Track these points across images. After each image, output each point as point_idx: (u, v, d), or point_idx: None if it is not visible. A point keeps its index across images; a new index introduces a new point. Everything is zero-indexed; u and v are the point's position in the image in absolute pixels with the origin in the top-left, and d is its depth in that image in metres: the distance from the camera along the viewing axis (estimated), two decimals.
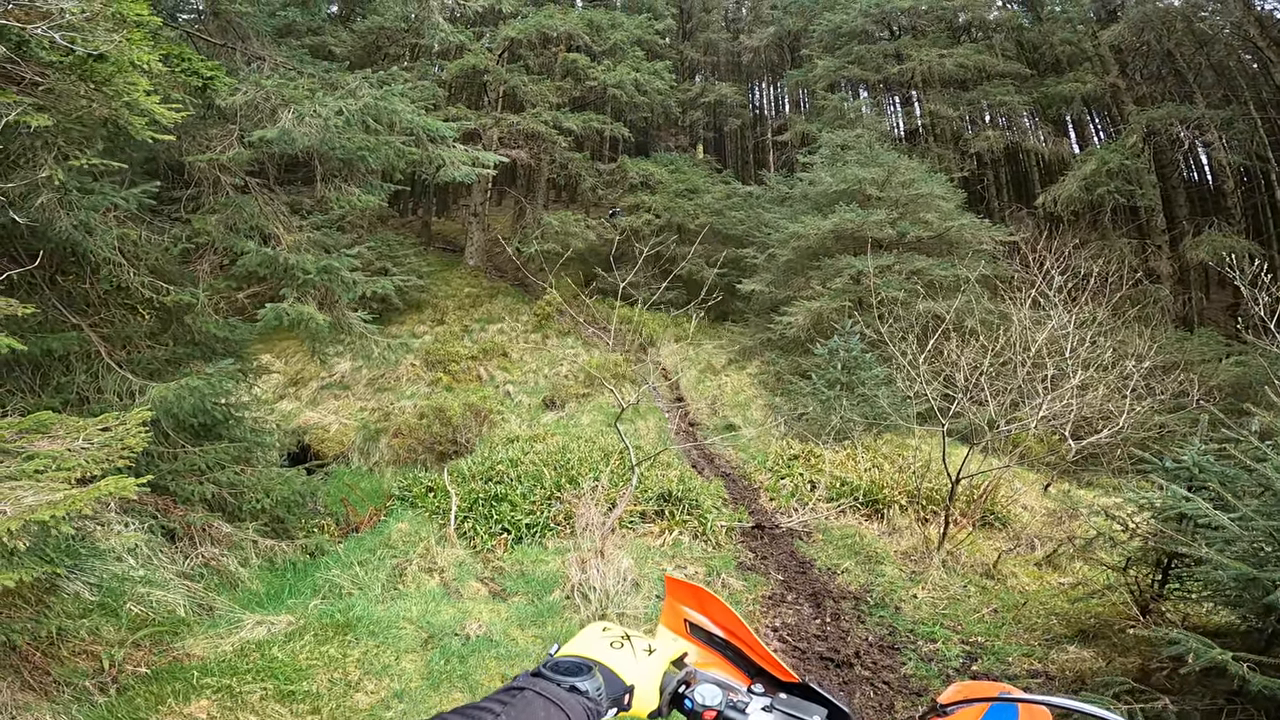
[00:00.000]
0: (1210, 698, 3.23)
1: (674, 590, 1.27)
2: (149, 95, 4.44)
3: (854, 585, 6.27)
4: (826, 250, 14.20)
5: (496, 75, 18.38)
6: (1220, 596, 3.87)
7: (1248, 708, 3.05)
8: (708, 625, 1.19)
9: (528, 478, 7.76)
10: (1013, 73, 21.46)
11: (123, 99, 4.41)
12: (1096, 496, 7.86)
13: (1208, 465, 4.71)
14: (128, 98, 4.40)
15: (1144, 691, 3.30)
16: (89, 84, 4.37)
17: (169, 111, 4.54)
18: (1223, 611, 4.22)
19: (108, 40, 4.15)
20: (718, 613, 1.21)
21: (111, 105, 4.46)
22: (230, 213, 7.14)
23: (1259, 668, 2.89)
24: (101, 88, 4.38)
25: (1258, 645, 3.27)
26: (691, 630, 1.19)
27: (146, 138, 4.54)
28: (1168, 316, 16.42)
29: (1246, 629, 3.67)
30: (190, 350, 6.68)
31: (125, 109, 4.48)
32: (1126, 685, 3.32)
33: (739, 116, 29.01)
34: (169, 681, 3.56)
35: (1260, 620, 3.35)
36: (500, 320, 16.92)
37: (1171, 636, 3.12)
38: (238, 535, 6.00)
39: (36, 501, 3.21)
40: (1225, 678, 3.06)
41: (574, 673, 0.89)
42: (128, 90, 4.38)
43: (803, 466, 9.19)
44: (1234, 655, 2.92)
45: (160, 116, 4.52)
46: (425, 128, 8.26)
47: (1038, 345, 7.22)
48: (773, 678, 1.07)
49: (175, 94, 5.69)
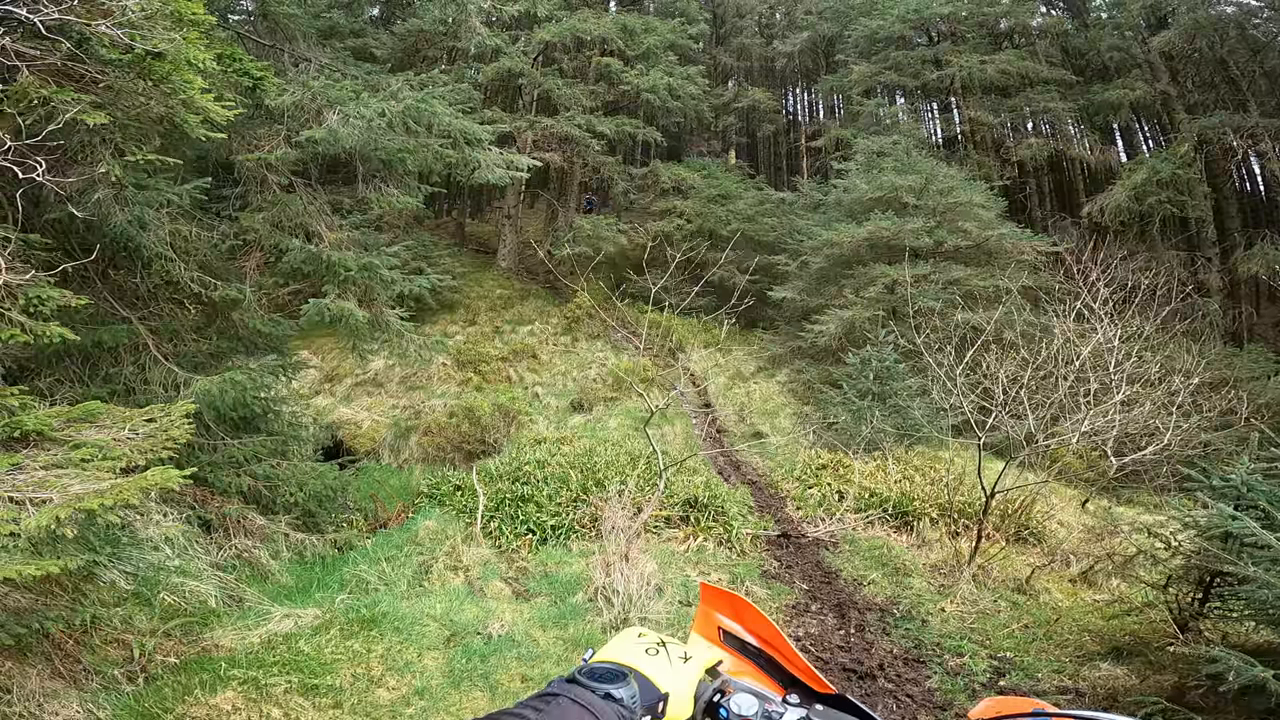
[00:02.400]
0: (1246, 716, 3.20)
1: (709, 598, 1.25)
2: (204, 94, 4.58)
3: (880, 597, 6.17)
4: (860, 258, 14.00)
5: (531, 78, 18.55)
6: (1263, 615, 3.82)
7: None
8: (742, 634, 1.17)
9: (554, 479, 7.79)
10: (1057, 79, 20.90)
11: (179, 97, 4.55)
12: (1138, 514, 7.63)
13: (1256, 484, 4.56)
14: (184, 95, 4.54)
15: (1176, 711, 3.21)
16: (146, 81, 4.51)
17: (222, 109, 4.68)
18: (1264, 630, 4.12)
19: (166, 38, 4.29)
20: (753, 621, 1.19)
21: (168, 103, 4.60)
22: (276, 211, 7.32)
23: None
24: (159, 85, 4.51)
25: None
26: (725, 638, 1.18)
27: (200, 135, 4.68)
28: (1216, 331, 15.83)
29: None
30: (234, 345, 6.86)
31: (181, 106, 4.62)
32: (1160, 705, 3.23)
33: (772, 122, 28.80)
34: (196, 672, 3.64)
35: None
36: (531, 322, 17.06)
37: (1212, 654, 3.10)
38: (271, 528, 6.14)
39: (84, 490, 3.31)
40: (1263, 696, 3.04)
41: (609, 679, 0.88)
42: (184, 88, 4.51)
43: (831, 476, 9.08)
44: (1275, 674, 2.89)
45: (215, 115, 4.66)
46: (462, 130, 8.39)
47: (1081, 358, 7.02)
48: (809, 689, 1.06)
49: (227, 94, 5.84)
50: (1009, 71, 20.76)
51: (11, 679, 3.27)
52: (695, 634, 1.22)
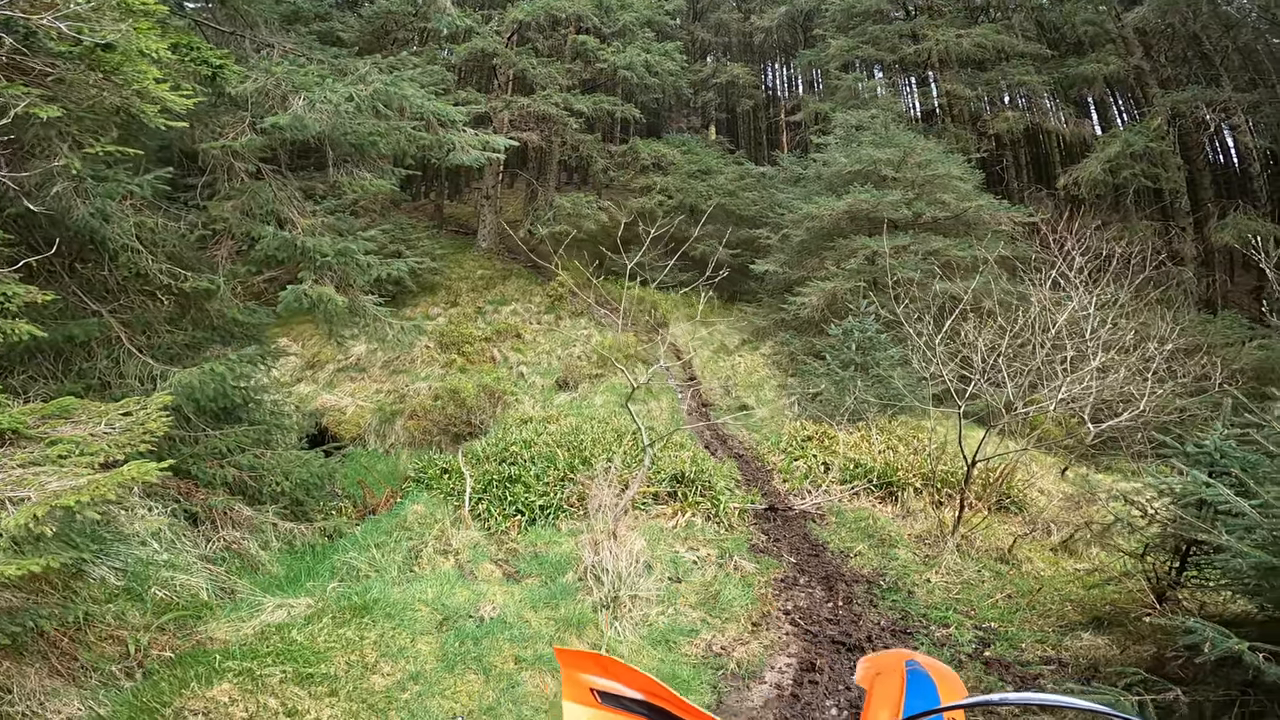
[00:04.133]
0: (1224, 689, 3.18)
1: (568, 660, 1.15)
2: (159, 83, 4.49)
3: (867, 569, 6.28)
4: (841, 231, 14.05)
5: (505, 58, 18.25)
6: (1239, 585, 3.82)
7: (1261, 699, 3.00)
8: (620, 689, 1.10)
9: (541, 459, 7.79)
10: (1033, 53, 20.97)
11: (133, 87, 4.47)
12: (1115, 481, 7.79)
13: (1230, 450, 4.63)
14: (138, 86, 4.46)
15: (1156, 682, 3.25)
16: (98, 73, 4.42)
17: (180, 99, 4.59)
18: (1240, 600, 4.16)
19: (114, 30, 4.18)
20: (625, 675, 1.10)
21: (122, 94, 4.52)
22: (245, 199, 7.19)
23: (1275, 658, 2.84)
24: (111, 77, 4.44)
25: (1275, 635, 3.19)
26: (603, 699, 1.11)
27: (159, 125, 4.59)
28: (1191, 299, 16.13)
29: (1265, 618, 3.62)
30: (210, 335, 6.76)
31: (136, 97, 4.53)
32: (1139, 675, 3.27)
33: (751, 97, 28.62)
34: (192, 665, 3.64)
35: (1278, 610, 3.30)
36: (513, 302, 16.96)
37: (1187, 625, 3.07)
38: (258, 518, 6.10)
39: (61, 487, 3.26)
40: (1240, 668, 3.02)
41: None
42: (137, 79, 4.43)
43: (816, 448, 9.17)
44: (1250, 645, 2.87)
45: (172, 104, 4.57)
46: (435, 112, 8.25)
47: (1057, 326, 7.12)
48: None
49: (185, 83, 5.71)
50: (985, 45, 20.76)
51: (11, 678, 3.25)
52: (568, 703, 1.13)
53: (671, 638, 4.94)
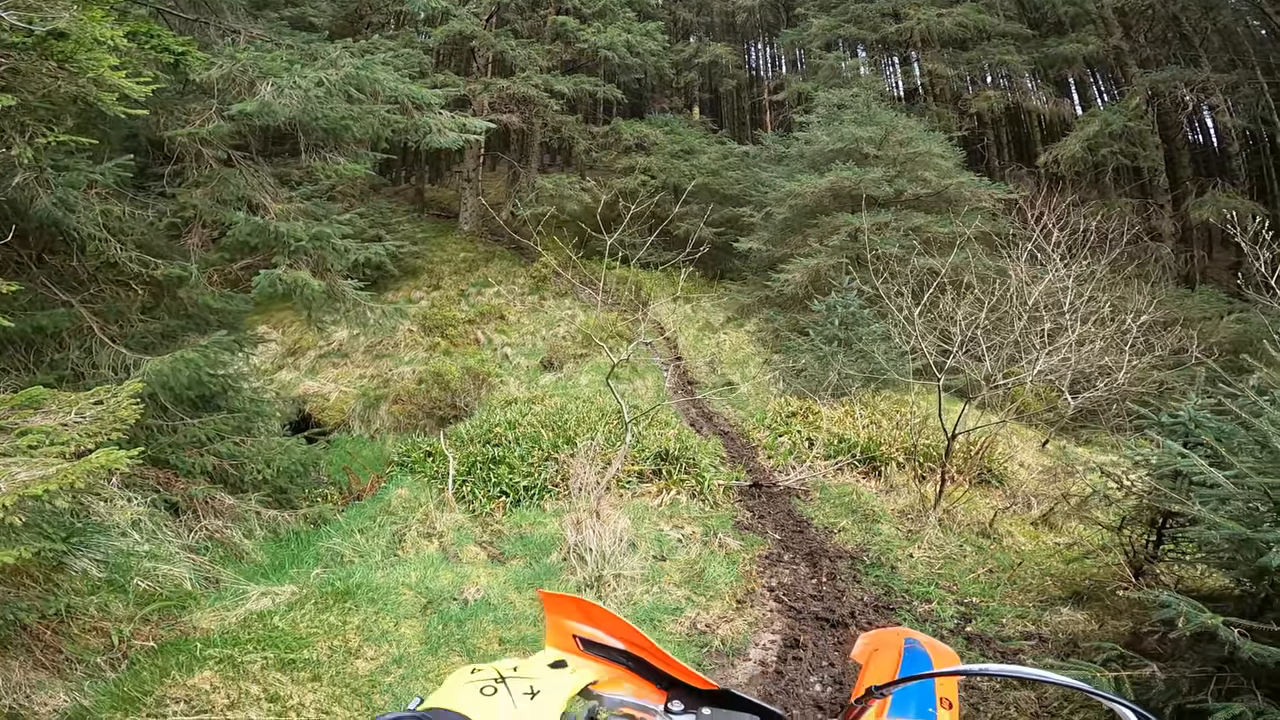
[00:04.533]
0: (1200, 665, 3.15)
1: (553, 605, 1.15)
2: (116, 71, 4.40)
3: (850, 544, 6.33)
4: (823, 208, 14.10)
5: (484, 40, 17.98)
6: (1214, 558, 3.77)
7: (1236, 675, 2.97)
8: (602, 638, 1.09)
9: (526, 440, 7.76)
10: (1014, 33, 21.02)
11: (88, 75, 4.37)
12: (1093, 453, 7.90)
13: (1204, 420, 4.66)
14: (94, 74, 4.38)
15: (1133, 657, 3.24)
16: (52, 62, 4.33)
17: (138, 86, 4.51)
18: (1216, 574, 4.15)
19: (67, 19, 4.10)
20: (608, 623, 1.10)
21: (78, 82, 4.43)
22: (215, 185, 7.09)
23: (1250, 634, 2.79)
24: (65, 65, 4.36)
25: (1250, 610, 3.18)
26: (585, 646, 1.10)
27: (118, 113, 4.52)
28: (1169, 274, 16.34)
29: (1240, 593, 3.59)
30: (184, 323, 6.67)
31: (93, 85, 4.46)
32: (1116, 651, 3.25)
33: (734, 77, 28.41)
34: (174, 654, 3.61)
35: (1254, 584, 3.26)
36: (496, 284, 16.86)
37: (1162, 599, 3.03)
38: (241, 507, 6.05)
39: (30, 477, 3.21)
40: (1215, 644, 2.96)
41: None
42: (93, 67, 4.34)
43: (800, 424, 9.21)
44: (1225, 620, 2.82)
45: (130, 91, 4.49)
46: (410, 95, 8.14)
47: (1034, 298, 7.17)
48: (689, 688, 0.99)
49: (146, 70, 5.60)
50: (966, 24, 20.76)
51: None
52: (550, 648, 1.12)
53: (656, 616, 4.96)
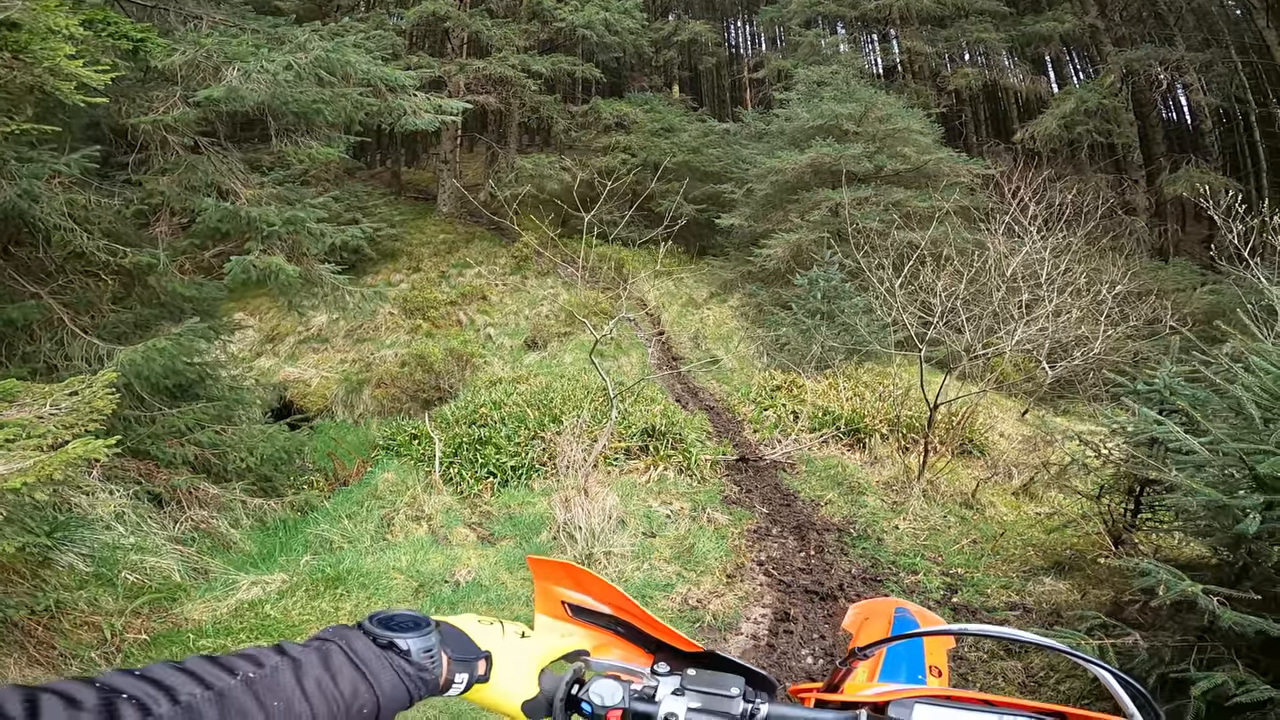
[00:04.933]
0: (1181, 634, 3.17)
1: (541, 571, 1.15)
2: (73, 60, 4.31)
3: (837, 517, 6.41)
4: (804, 184, 14.12)
5: (458, 20, 17.64)
6: (1191, 526, 3.80)
7: (1217, 645, 2.98)
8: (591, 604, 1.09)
9: (512, 419, 7.73)
10: (991, 10, 21.06)
11: (43, 65, 4.28)
12: (1072, 422, 8.04)
13: (1179, 387, 4.74)
14: (50, 63, 4.29)
15: (1115, 626, 3.26)
16: (6, 52, 4.23)
17: (96, 74, 4.43)
18: (1194, 543, 4.20)
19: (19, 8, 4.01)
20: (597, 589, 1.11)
21: (33, 72, 4.33)
22: (183, 172, 6.96)
23: (1229, 602, 2.79)
24: (20, 55, 4.27)
25: (1228, 578, 3.19)
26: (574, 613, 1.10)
27: (77, 101, 4.44)
28: (1143, 247, 16.60)
29: (1218, 561, 3.61)
30: (158, 312, 6.56)
31: (49, 75, 4.37)
32: (1099, 620, 3.28)
33: (714, 55, 28.20)
34: (166, 646, 3.60)
35: (1231, 552, 3.28)
36: (477, 265, 16.71)
37: (1142, 567, 3.05)
38: (226, 496, 5.99)
39: (7, 470, 3.15)
40: (1195, 613, 2.97)
41: (401, 628, 0.71)
42: (48, 56, 4.25)
43: (785, 397, 9.26)
44: (1204, 589, 2.81)
45: (88, 79, 4.41)
46: (383, 77, 7.99)
47: (1011, 269, 7.25)
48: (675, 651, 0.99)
49: (104, 58, 5.46)
50: (945, 2, 20.74)
51: None
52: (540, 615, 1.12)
53: (647, 593, 5.00)
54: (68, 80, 4.33)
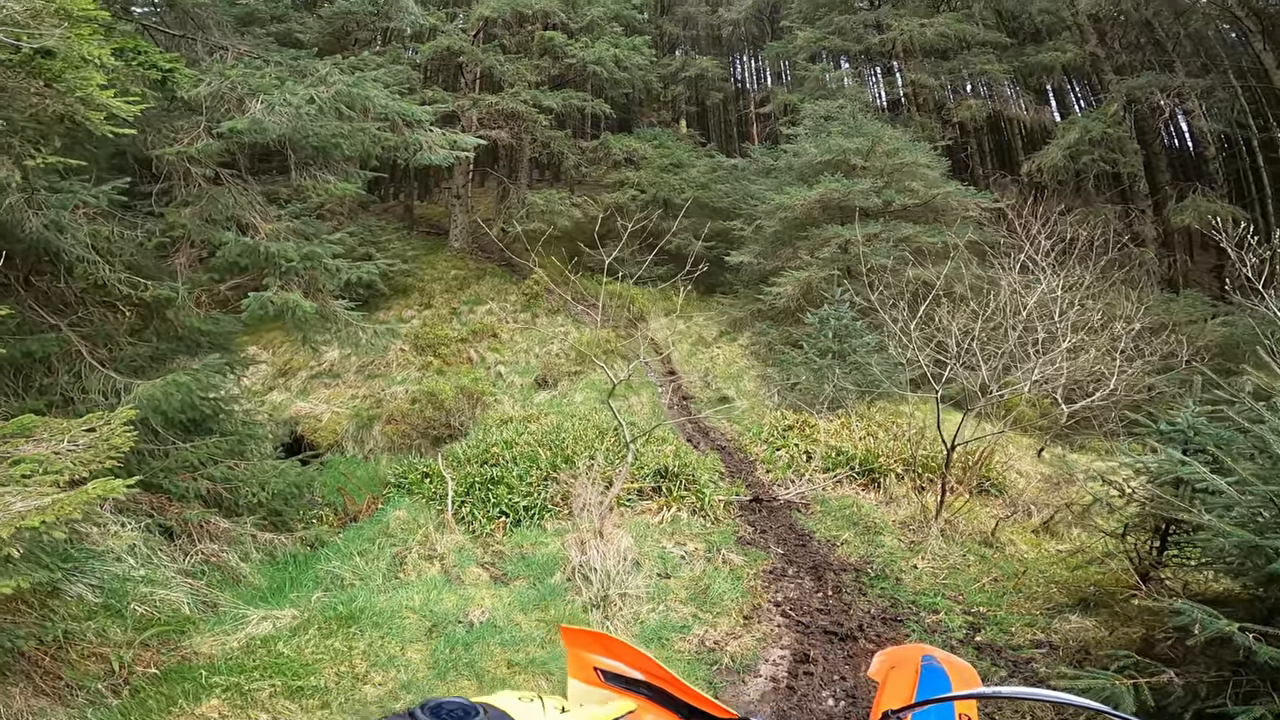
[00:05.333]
0: (1215, 669, 3.16)
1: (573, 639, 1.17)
2: (104, 90, 4.36)
3: (854, 557, 6.32)
4: (813, 220, 14.19)
5: (472, 56, 18.03)
6: (1221, 564, 3.79)
7: (1253, 679, 2.98)
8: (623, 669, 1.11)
9: (523, 459, 7.71)
10: (993, 41, 21.36)
11: (76, 94, 4.33)
12: (1091, 461, 7.94)
13: (1202, 427, 4.70)
14: (82, 93, 4.33)
15: (1148, 664, 3.25)
16: (39, 81, 4.28)
17: (127, 105, 4.46)
18: (1224, 579, 4.17)
19: (54, 35, 4.05)
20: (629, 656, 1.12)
21: (65, 101, 4.38)
22: (204, 205, 7.02)
23: (1264, 638, 2.82)
24: (53, 84, 4.30)
25: (1261, 614, 3.20)
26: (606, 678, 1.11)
27: (106, 132, 4.46)
28: (1153, 279, 16.56)
29: (1249, 597, 3.61)
30: (174, 346, 6.58)
31: (80, 104, 4.40)
32: (1131, 659, 3.26)
33: (721, 90, 28.70)
34: (179, 681, 3.54)
35: (1264, 589, 3.29)
36: (488, 301, 16.79)
37: (1176, 606, 3.05)
38: (236, 530, 5.95)
39: (25, 508, 3.15)
40: (1230, 648, 2.98)
41: (452, 715, 0.72)
42: (81, 85, 4.30)
43: (798, 437, 9.21)
44: (1240, 625, 2.84)
45: (119, 110, 4.44)
46: (400, 112, 8.10)
47: (1028, 309, 7.23)
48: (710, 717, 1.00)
49: (134, 88, 5.54)
50: (947, 34, 21.07)
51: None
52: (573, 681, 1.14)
53: (664, 634, 4.91)
54: (98, 110, 4.37)
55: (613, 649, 1.14)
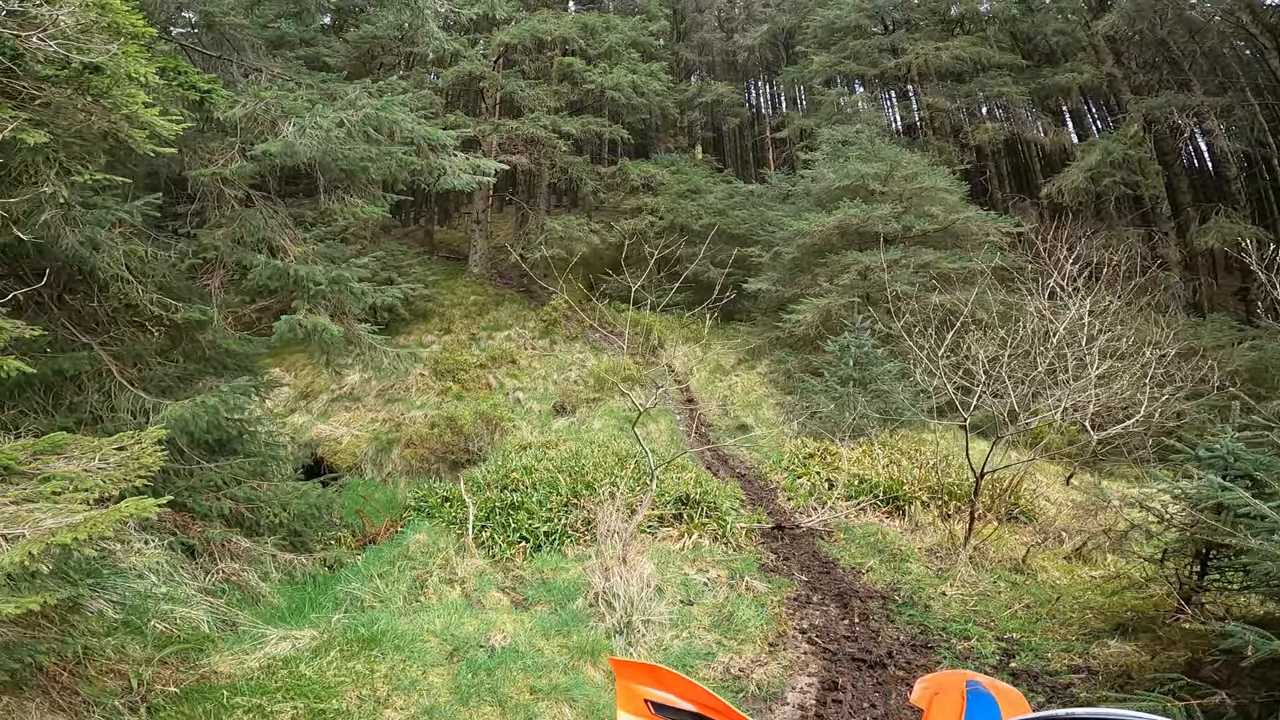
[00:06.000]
0: (1266, 690, 3.11)
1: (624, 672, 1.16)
2: (148, 108, 4.41)
3: (880, 584, 6.19)
4: (832, 246, 14.12)
5: (493, 81, 18.35)
6: (1265, 587, 3.77)
7: None
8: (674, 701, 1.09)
9: (543, 485, 7.69)
10: (1009, 64, 21.37)
11: (121, 112, 4.40)
12: (1123, 487, 7.77)
13: (1241, 453, 4.60)
14: (127, 110, 4.39)
15: (1199, 686, 3.19)
16: (86, 97, 4.35)
17: (169, 124, 4.53)
18: (1269, 603, 4.10)
19: (103, 51, 4.11)
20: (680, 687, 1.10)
21: (111, 118, 4.45)
22: (235, 226, 7.11)
23: None
24: (100, 100, 4.37)
25: None
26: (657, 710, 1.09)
27: (148, 151, 4.52)
28: (1179, 303, 16.30)
29: None
30: (202, 367, 6.64)
31: (125, 122, 4.46)
32: (1181, 680, 3.20)
33: (737, 115, 28.93)
34: (199, 701, 3.50)
35: None
36: (507, 327, 16.87)
37: (1227, 629, 3.02)
38: (257, 550, 5.96)
39: (56, 524, 3.16)
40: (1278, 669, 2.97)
41: None
42: (126, 103, 4.36)
43: (819, 465, 9.10)
44: None
45: (161, 129, 4.51)
46: (426, 137, 8.20)
47: (1058, 335, 7.12)
48: None
49: (173, 108, 5.64)
50: (962, 57, 21.14)
51: (12, 714, 3.14)
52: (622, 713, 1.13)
53: (688, 661, 4.82)
54: (142, 129, 4.46)
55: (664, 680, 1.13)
